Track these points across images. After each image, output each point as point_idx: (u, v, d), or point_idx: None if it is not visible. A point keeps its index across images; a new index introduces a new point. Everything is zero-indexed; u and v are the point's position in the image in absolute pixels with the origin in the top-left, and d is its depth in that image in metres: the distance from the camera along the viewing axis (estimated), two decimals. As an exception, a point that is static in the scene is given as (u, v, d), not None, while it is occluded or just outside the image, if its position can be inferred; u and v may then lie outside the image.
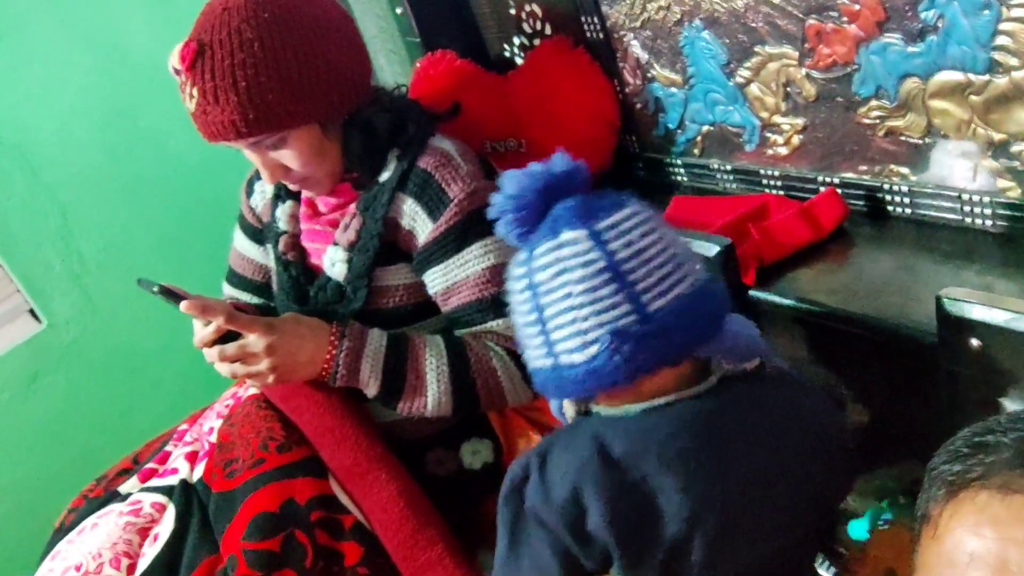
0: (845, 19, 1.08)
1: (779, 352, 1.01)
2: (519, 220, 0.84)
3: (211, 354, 1.21)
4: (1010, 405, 0.85)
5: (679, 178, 1.50)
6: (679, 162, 1.48)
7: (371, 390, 1.24)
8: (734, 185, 1.39)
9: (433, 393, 1.23)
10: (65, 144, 2.01)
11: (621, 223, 0.81)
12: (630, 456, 0.82)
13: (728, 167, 1.38)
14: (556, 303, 0.80)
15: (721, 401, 0.85)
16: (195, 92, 1.17)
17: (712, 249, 1.12)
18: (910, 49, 1.04)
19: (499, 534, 0.92)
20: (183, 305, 1.15)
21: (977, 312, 0.84)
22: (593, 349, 0.78)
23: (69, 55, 1.99)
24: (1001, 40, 0.94)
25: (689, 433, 0.82)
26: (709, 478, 0.81)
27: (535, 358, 0.85)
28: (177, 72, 1.20)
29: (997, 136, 1.01)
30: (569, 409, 0.92)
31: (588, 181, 0.85)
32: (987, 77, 0.98)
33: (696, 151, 1.43)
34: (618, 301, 0.78)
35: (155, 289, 1.17)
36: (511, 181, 0.84)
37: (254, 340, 1.18)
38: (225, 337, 1.20)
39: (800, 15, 1.12)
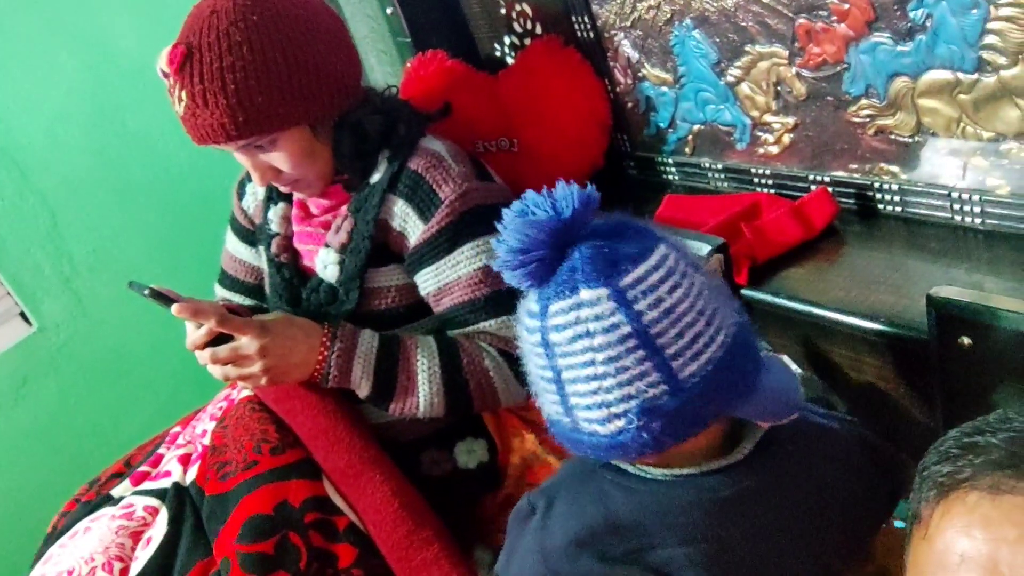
0: (835, 18, 1.08)
1: (817, 387, 0.96)
2: (529, 274, 0.73)
3: (203, 356, 1.20)
4: (1001, 402, 0.85)
5: (671, 177, 1.50)
6: (671, 161, 1.48)
7: (363, 391, 1.24)
8: (725, 184, 1.40)
9: (425, 394, 1.23)
10: (54, 147, 2.00)
11: (647, 276, 0.71)
12: (639, 525, 0.78)
13: (719, 166, 1.39)
14: (576, 368, 0.71)
15: (749, 475, 0.78)
16: (184, 95, 1.16)
17: (704, 248, 1.12)
18: (899, 48, 1.04)
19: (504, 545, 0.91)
20: (174, 308, 1.15)
21: (968, 310, 0.85)
22: (619, 424, 0.70)
23: (56, 57, 1.98)
24: (989, 39, 0.95)
25: (708, 511, 0.76)
26: (729, 559, 0.76)
27: (552, 412, 0.76)
28: (165, 75, 1.19)
29: (986, 134, 1.02)
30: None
31: (595, 209, 0.75)
32: (976, 76, 0.99)
33: (687, 150, 1.44)
34: (646, 370, 0.69)
35: (146, 292, 1.16)
36: (514, 233, 0.72)
37: (247, 342, 1.18)
38: (217, 339, 1.19)
39: (790, 14, 1.13)
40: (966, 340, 0.86)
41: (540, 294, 0.73)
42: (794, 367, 0.98)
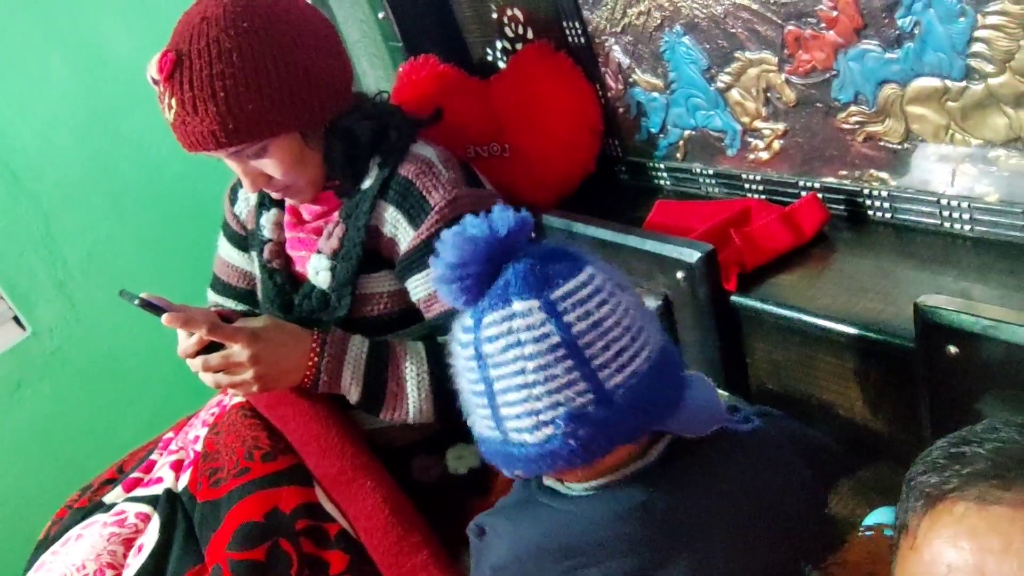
0: (823, 25, 1.08)
1: (746, 403, 0.96)
2: (464, 289, 0.77)
3: (195, 364, 1.21)
4: (988, 411, 0.85)
5: (662, 182, 1.50)
6: (662, 166, 1.48)
7: (353, 396, 1.24)
8: (716, 189, 1.40)
9: (413, 400, 1.24)
10: (47, 152, 2.00)
11: (577, 291, 0.75)
12: (571, 546, 0.80)
13: (710, 171, 1.39)
14: (507, 378, 0.74)
15: (670, 475, 0.80)
16: (173, 103, 1.16)
17: (693, 255, 1.12)
18: (888, 56, 1.04)
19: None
20: (164, 318, 1.15)
21: (954, 319, 0.85)
22: (547, 431, 0.73)
23: (49, 62, 1.98)
24: (977, 47, 0.95)
25: (636, 518, 0.78)
26: (662, 562, 0.78)
27: (482, 427, 0.79)
28: (155, 82, 1.19)
29: (975, 141, 1.02)
30: (520, 474, 0.85)
31: (531, 232, 0.79)
32: (964, 83, 0.99)
33: (678, 155, 1.44)
34: (574, 379, 0.73)
35: (136, 301, 1.16)
36: (451, 249, 0.76)
37: (238, 350, 1.18)
38: (209, 347, 1.19)
39: (779, 21, 1.13)
40: (952, 349, 0.86)
41: (475, 308, 0.77)
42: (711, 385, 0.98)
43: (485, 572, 0.89)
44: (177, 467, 1.33)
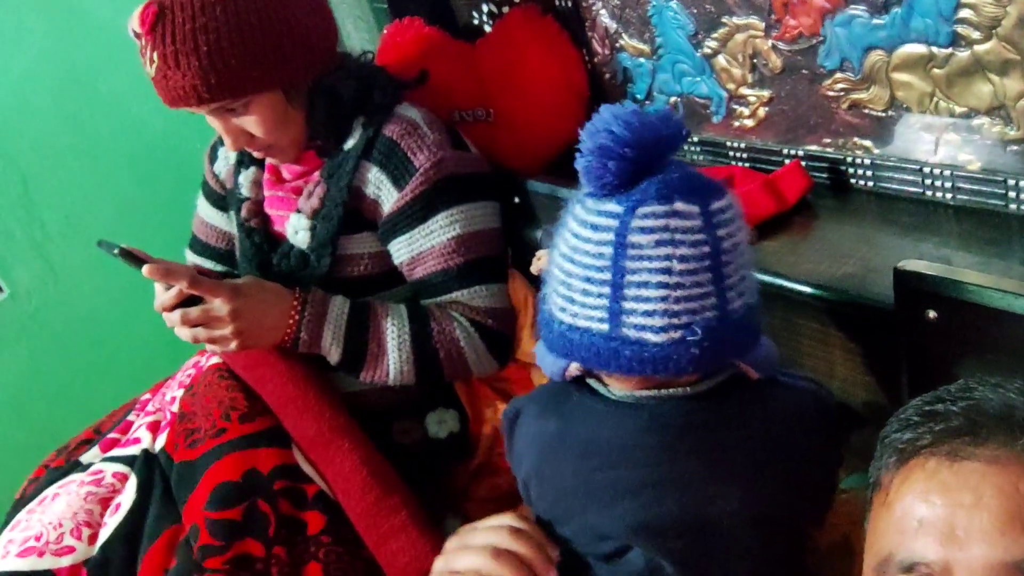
0: (811, -10, 1.08)
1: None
2: (621, 169, 0.73)
3: (172, 318, 1.20)
4: (965, 376, 0.86)
5: (647, 149, 1.49)
6: (647, 133, 1.47)
7: (333, 357, 1.24)
8: (700, 157, 1.39)
9: (394, 361, 1.23)
10: (23, 111, 1.97)
11: (727, 210, 0.76)
12: (595, 445, 0.80)
13: (695, 139, 1.38)
14: (649, 273, 0.73)
15: (701, 412, 0.81)
16: (155, 56, 1.15)
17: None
18: (875, 21, 1.04)
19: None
20: (145, 269, 1.14)
21: (934, 284, 0.85)
22: (676, 335, 0.73)
23: (24, 19, 1.95)
24: (964, 13, 0.94)
25: (667, 433, 0.79)
26: (678, 483, 0.79)
27: (584, 318, 0.76)
28: (137, 36, 1.17)
29: (959, 109, 1.02)
30: (573, 374, 0.85)
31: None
32: (950, 50, 0.98)
33: (664, 122, 1.43)
34: (710, 292, 0.73)
35: (115, 251, 1.15)
36: (620, 122, 0.73)
37: (219, 304, 1.17)
38: (187, 302, 1.19)
39: (767, -15, 1.12)
40: (932, 313, 0.86)
41: (627, 196, 0.74)
42: None
43: (512, 456, 0.91)
44: (154, 428, 1.33)
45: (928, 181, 1.09)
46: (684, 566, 0.80)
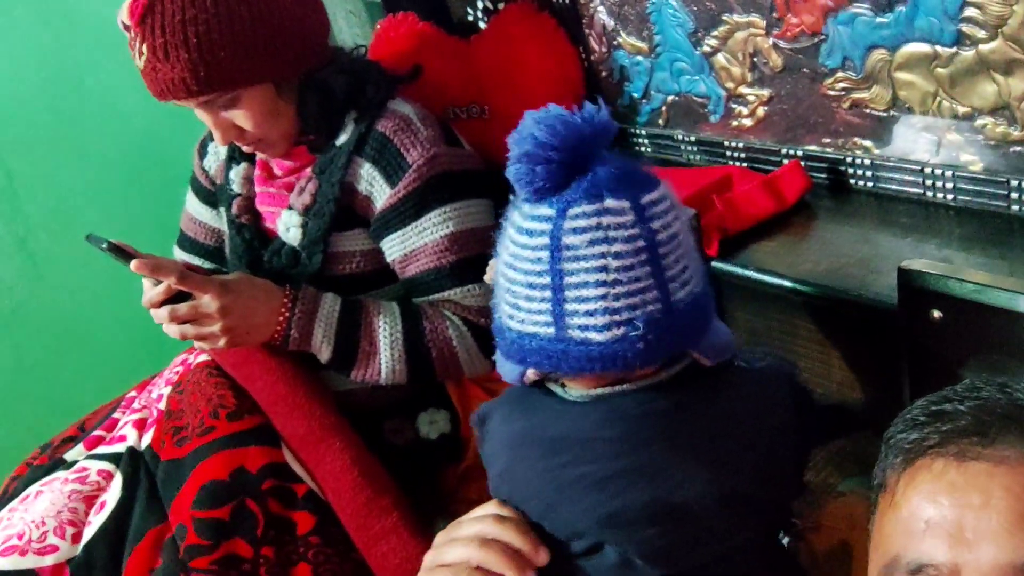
0: (814, -12, 1.07)
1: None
2: (549, 173, 0.73)
3: (160, 315, 1.17)
4: (968, 376, 0.85)
5: (643, 149, 1.48)
6: (643, 132, 1.46)
7: (324, 355, 1.22)
8: (698, 157, 1.38)
9: (386, 360, 1.22)
10: (9, 104, 1.95)
11: (661, 201, 0.76)
12: (562, 440, 0.81)
13: (692, 138, 1.37)
14: (586, 273, 0.73)
15: (659, 399, 0.81)
16: (144, 49, 1.13)
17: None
18: (878, 20, 1.03)
19: None
20: (133, 264, 1.12)
21: (938, 284, 0.84)
22: (619, 332, 0.73)
23: (11, 12, 1.92)
24: (970, 12, 0.94)
25: (629, 425, 0.80)
26: (646, 472, 0.79)
27: (531, 323, 0.77)
28: (126, 27, 1.16)
29: (961, 109, 1.01)
30: (532, 379, 0.86)
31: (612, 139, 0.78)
32: (954, 49, 0.98)
33: (661, 121, 1.42)
34: (650, 285, 0.73)
35: (104, 245, 1.13)
36: (544, 127, 0.73)
37: (207, 301, 1.15)
38: (175, 298, 1.17)
39: (769, -17, 1.11)
40: (936, 313, 0.85)
41: (558, 198, 0.74)
42: None
43: (484, 460, 0.91)
44: (140, 425, 1.31)
45: (929, 182, 1.09)
46: (656, 557, 0.80)
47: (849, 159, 1.17)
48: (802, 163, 1.21)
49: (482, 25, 1.60)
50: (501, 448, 0.88)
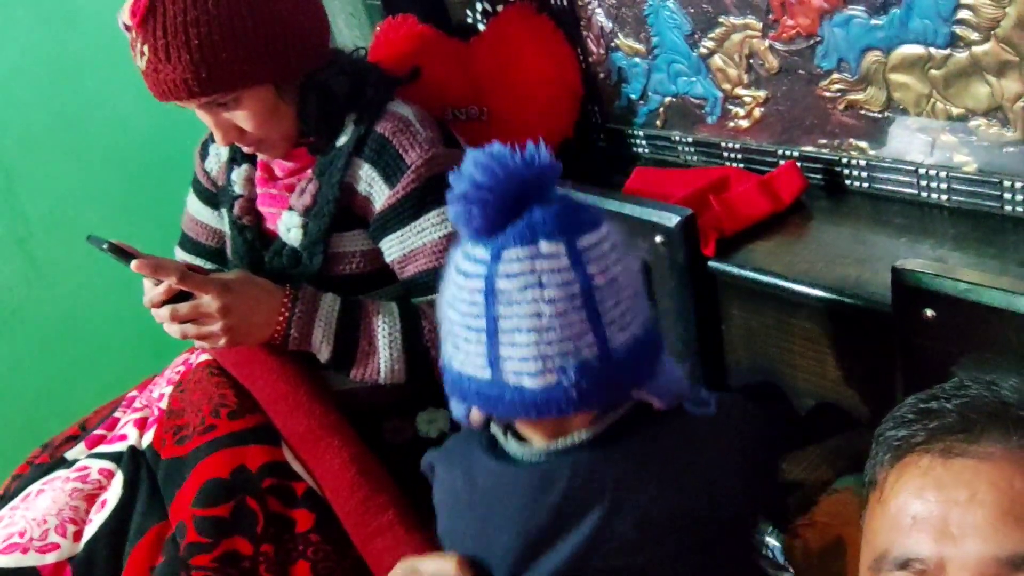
0: (809, -10, 1.08)
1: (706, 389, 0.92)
2: (484, 214, 0.73)
3: (161, 314, 1.18)
4: (963, 374, 0.86)
5: (640, 150, 1.49)
6: (641, 133, 1.47)
7: (323, 355, 1.23)
8: (695, 157, 1.39)
9: (385, 359, 1.22)
10: (8, 105, 1.95)
11: (600, 244, 0.74)
12: (491, 502, 0.81)
13: (689, 139, 1.38)
14: (519, 318, 0.72)
15: (610, 449, 0.80)
16: (146, 49, 1.14)
17: (673, 219, 1.12)
18: (873, 22, 1.04)
19: None
20: (134, 264, 1.13)
21: (932, 283, 0.85)
22: (552, 378, 0.72)
23: (12, 13, 1.93)
24: (963, 14, 0.95)
25: (556, 489, 0.78)
26: (571, 527, 0.78)
27: (470, 364, 0.76)
28: (127, 28, 1.17)
29: (955, 111, 1.02)
30: (477, 418, 0.84)
31: (557, 178, 0.76)
32: (948, 51, 0.99)
33: (658, 123, 1.43)
34: (585, 330, 0.72)
35: (105, 246, 1.14)
36: (481, 169, 0.72)
37: (208, 300, 1.16)
38: (176, 298, 1.17)
39: (765, -15, 1.12)
40: (929, 312, 0.86)
41: (493, 240, 0.73)
42: None
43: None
44: (141, 424, 1.31)
45: (924, 183, 1.10)
46: None
47: (844, 160, 1.18)
48: (798, 164, 1.21)
49: (481, 27, 1.60)
50: (441, 505, 0.88)
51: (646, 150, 1.48)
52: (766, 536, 0.98)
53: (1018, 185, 1.00)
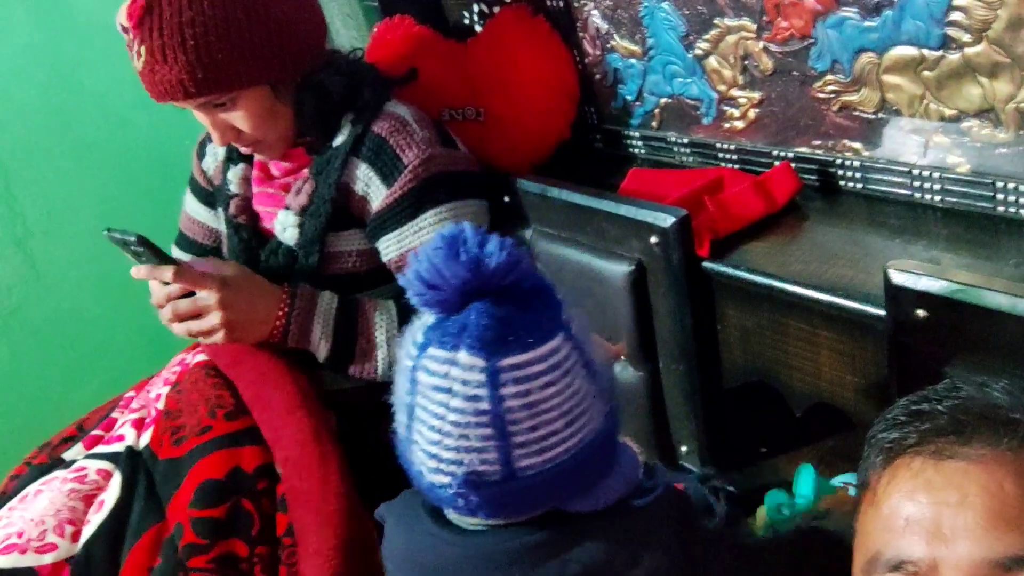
0: (803, -8, 1.08)
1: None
2: (423, 304, 0.73)
3: (165, 313, 1.19)
4: (954, 375, 0.86)
5: (636, 151, 1.49)
6: (636, 134, 1.47)
7: (322, 352, 1.23)
8: (690, 158, 1.40)
9: (383, 357, 1.23)
10: (6, 106, 1.95)
11: (527, 366, 0.70)
12: (434, 569, 0.80)
13: (685, 140, 1.38)
14: (426, 415, 0.72)
15: (535, 538, 0.77)
16: (143, 50, 1.14)
17: (668, 220, 1.12)
18: (866, 24, 1.04)
19: None
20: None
21: (923, 283, 0.85)
22: (444, 479, 0.72)
23: (11, 13, 1.93)
24: (955, 16, 0.95)
25: (485, 567, 0.77)
26: None
27: (402, 435, 0.77)
28: (125, 29, 1.17)
29: (948, 112, 1.03)
30: None
31: (517, 274, 0.72)
32: (940, 53, 0.99)
33: (654, 124, 1.43)
34: (485, 447, 0.70)
35: (132, 239, 1.14)
36: (429, 266, 0.70)
37: (207, 294, 1.17)
38: (182, 298, 1.19)
39: (759, -13, 1.12)
40: (921, 313, 0.87)
41: (430, 330, 0.73)
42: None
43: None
44: (139, 425, 1.31)
45: (917, 183, 1.10)
46: None
47: (839, 161, 1.18)
48: (792, 165, 1.22)
49: (478, 28, 1.61)
50: (388, 561, 0.87)
51: (642, 151, 1.49)
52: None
53: (1011, 186, 1.00)
